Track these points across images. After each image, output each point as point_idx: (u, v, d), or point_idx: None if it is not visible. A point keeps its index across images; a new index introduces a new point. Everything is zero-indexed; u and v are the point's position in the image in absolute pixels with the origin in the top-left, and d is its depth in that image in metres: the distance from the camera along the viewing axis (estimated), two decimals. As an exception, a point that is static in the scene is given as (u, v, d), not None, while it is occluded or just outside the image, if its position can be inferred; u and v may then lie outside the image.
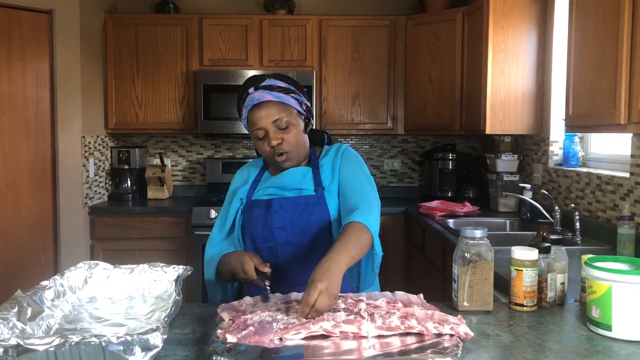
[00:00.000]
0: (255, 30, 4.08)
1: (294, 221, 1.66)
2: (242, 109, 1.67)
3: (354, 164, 1.74)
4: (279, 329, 1.25)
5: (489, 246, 1.51)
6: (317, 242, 1.66)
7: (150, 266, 1.63)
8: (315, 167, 1.73)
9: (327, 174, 1.71)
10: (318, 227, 1.66)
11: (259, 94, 1.62)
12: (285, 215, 1.67)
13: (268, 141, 1.64)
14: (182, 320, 1.46)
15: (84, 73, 3.76)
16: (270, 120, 1.62)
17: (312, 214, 1.66)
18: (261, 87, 1.63)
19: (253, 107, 1.63)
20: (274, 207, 1.68)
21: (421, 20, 4.04)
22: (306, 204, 1.67)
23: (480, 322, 1.42)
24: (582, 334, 1.37)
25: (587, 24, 2.18)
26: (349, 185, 1.68)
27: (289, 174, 1.71)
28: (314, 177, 1.70)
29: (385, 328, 1.26)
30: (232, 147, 4.52)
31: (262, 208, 1.70)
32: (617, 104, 1.92)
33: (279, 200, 1.69)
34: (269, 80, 1.65)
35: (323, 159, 1.75)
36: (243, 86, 1.67)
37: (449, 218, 3.35)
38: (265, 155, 1.69)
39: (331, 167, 1.72)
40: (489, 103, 3.34)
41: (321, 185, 1.69)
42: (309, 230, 1.66)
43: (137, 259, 3.76)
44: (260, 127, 1.63)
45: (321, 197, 1.68)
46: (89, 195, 3.89)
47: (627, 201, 2.47)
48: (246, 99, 1.65)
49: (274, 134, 1.63)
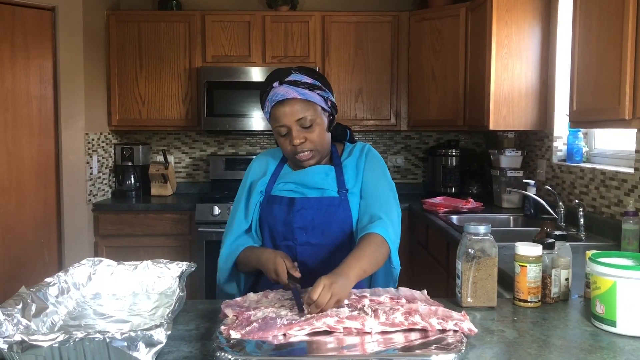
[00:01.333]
0: (258, 27, 4.07)
1: (315, 222, 1.64)
2: (265, 102, 1.64)
3: (378, 168, 1.71)
4: (283, 324, 1.24)
5: (492, 242, 1.51)
6: (338, 244, 1.65)
7: (154, 262, 1.63)
8: (338, 166, 1.70)
9: (350, 175, 1.69)
10: (339, 230, 1.64)
11: (284, 90, 1.58)
12: (307, 215, 1.64)
13: (290, 139, 1.61)
14: (186, 316, 1.46)
15: (87, 70, 3.76)
16: (294, 119, 1.59)
17: (334, 216, 1.64)
18: (286, 82, 1.59)
19: (277, 103, 1.60)
20: (296, 207, 1.65)
21: (424, 16, 4.03)
22: (329, 205, 1.64)
23: (484, 318, 1.42)
24: (587, 329, 1.36)
25: (591, 18, 2.17)
26: (372, 191, 1.66)
27: (311, 172, 1.68)
28: (337, 178, 1.67)
29: (388, 324, 1.26)
30: (236, 144, 4.52)
31: (283, 205, 1.67)
32: (621, 99, 1.90)
33: (301, 200, 1.66)
34: (295, 75, 1.61)
35: (347, 159, 1.72)
36: (268, 79, 1.63)
37: (453, 214, 3.34)
38: (286, 152, 1.67)
39: (355, 168, 1.70)
40: (493, 99, 3.32)
41: (344, 187, 1.66)
42: (329, 232, 1.64)
43: (140, 255, 3.70)
44: (284, 125, 1.60)
45: (344, 199, 1.65)
46: (93, 192, 3.90)
47: (632, 197, 2.46)
48: (270, 92, 1.61)
49: (297, 132, 1.60)
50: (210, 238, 3.70)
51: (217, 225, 3.65)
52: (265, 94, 1.63)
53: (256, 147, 4.52)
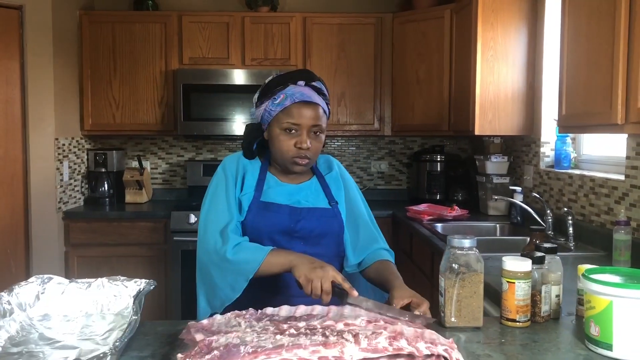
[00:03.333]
0: (237, 28, 3.95)
1: (314, 233, 1.65)
2: (279, 93, 1.61)
3: (354, 184, 1.82)
4: (247, 353, 1.11)
5: (478, 256, 1.40)
6: (330, 254, 1.67)
7: (109, 280, 1.49)
8: (321, 178, 1.74)
9: (333, 188, 1.74)
10: (333, 240, 1.68)
11: (309, 92, 1.61)
12: (309, 225, 1.65)
13: (299, 140, 1.60)
14: (142, 340, 1.32)
15: (57, 72, 3.61)
16: (311, 123, 1.60)
17: (330, 227, 1.68)
18: (311, 86, 1.63)
19: (302, 102, 1.58)
20: (299, 216, 1.64)
21: (408, 18, 3.93)
22: (326, 217, 1.68)
23: (469, 341, 1.30)
24: (581, 353, 1.25)
25: (580, 18, 2.07)
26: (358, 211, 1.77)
27: (303, 190, 1.70)
28: (324, 191, 1.72)
29: (371, 350, 1.14)
30: (214, 149, 4.39)
31: (283, 214, 1.64)
32: (613, 103, 1.81)
33: (303, 210, 1.65)
34: (319, 83, 1.66)
35: (328, 174, 1.76)
36: (292, 74, 1.64)
37: (437, 222, 3.24)
38: (284, 151, 1.61)
39: (335, 183, 1.75)
40: (478, 103, 3.23)
41: (334, 199, 1.71)
42: (325, 243, 1.67)
43: (113, 265, 3.62)
44: (299, 124, 1.59)
45: (337, 211, 1.70)
46: (63, 200, 3.74)
47: (623, 205, 2.37)
48: (292, 88, 1.60)
49: (308, 137, 1.60)
50: (186, 247, 3.56)
51: (193, 234, 3.49)
52: (283, 87, 1.61)
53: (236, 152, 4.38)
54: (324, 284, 1.39)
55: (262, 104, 1.64)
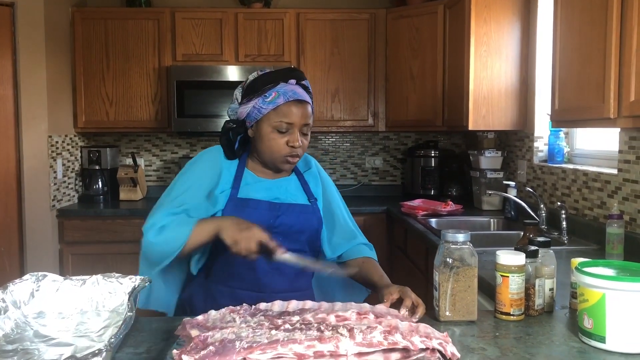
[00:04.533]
0: (231, 24, 3.93)
1: (294, 228, 1.64)
2: (270, 91, 1.58)
3: (331, 182, 1.83)
4: (242, 348, 1.11)
5: (472, 251, 1.40)
6: (307, 250, 1.67)
7: (104, 277, 1.49)
8: (299, 175, 1.74)
9: (312, 185, 1.74)
10: (311, 236, 1.68)
11: (300, 91, 1.61)
12: (289, 221, 1.64)
13: (290, 139, 1.59)
14: (138, 337, 1.32)
15: (50, 69, 3.59)
16: (302, 122, 1.60)
17: (309, 223, 1.67)
18: (302, 85, 1.63)
19: (293, 100, 1.58)
20: (278, 212, 1.63)
21: (402, 14, 3.93)
22: (305, 212, 1.67)
23: (463, 334, 1.31)
24: (574, 346, 1.26)
25: (573, 12, 2.08)
26: (335, 206, 1.78)
27: (282, 185, 1.69)
28: (303, 187, 1.72)
29: (366, 344, 1.14)
30: (208, 146, 4.33)
31: (262, 210, 1.62)
32: (606, 97, 1.82)
33: (282, 205, 1.65)
34: (307, 82, 1.66)
35: (307, 171, 1.77)
36: (283, 72, 1.62)
37: (432, 217, 3.24)
38: (274, 150, 1.61)
39: (313, 180, 1.76)
40: (472, 98, 3.24)
41: (313, 196, 1.72)
42: (303, 239, 1.66)
43: (108, 263, 3.61)
44: (292, 123, 1.58)
45: (316, 207, 1.70)
46: (57, 198, 3.72)
47: (615, 199, 2.38)
48: (284, 87, 1.59)
49: (299, 135, 1.60)
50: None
51: (188, 230, 3.50)
52: (273, 84, 1.59)
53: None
54: (250, 243, 1.44)
55: (250, 101, 1.60)
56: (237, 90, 1.68)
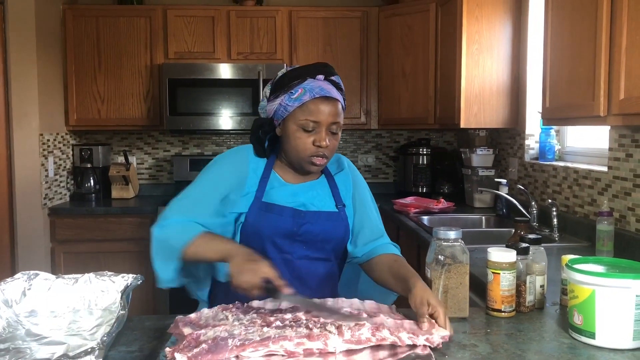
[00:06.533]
0: (223, 22, 3.92)
1: (319, 237, 1.57)
2: (296, 87, 1.51)
3: (365, 184, 1.72)
4: (235, 346, 1.12)
5: (463, 248, 1.41)
6: (332, 258, 1.62)
7: (96, 275, 1.49)
8: (329, 177, 1.65)
9: (342, 189, 1.65)
10: (337, 244, 1.61)
11: (329, 87, 1.51)
12: (314, 230, 1.56)
13: (317, 138, 1.50)
14: (130, 335, 1.32)
15: (40, 67, 3.57)
16: (331, 120, 1.50)
17: (335, 231, 1.60)
18: (330, 80, 1.54)
19: (320, 97, 1.49)
20: (303, 220, 1.56)
21: (394, 12, 3.93)
22: (332, 220, 1.59)
23: (455, 331, 1.31)
24: (564, 342, 1.27)
25: (564, 11, 2.09)
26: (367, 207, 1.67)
27: (309, 191, 1.60)
28: (332, 192, 1.63)
29: (354, 341, 1.15)
30: (201, 144, 4.37)
31: (286, 217, 1.55)
32: (596, 95, 1.83)
33: (308, 213, 1.57)
34: (337, 77, 1.56)
35: (338, 173, 1.67)
36: (310, 68, 1.55)
37: (424, 215, 3.25)
38: (300, 150, 1.52)
39: (344, 183, 1.66)
40: (464, 96, 3.25)
41: (342, 201, 1.63)
42: (328, 247, 1.60)
43: (100, 261, 3.60)
44: (319, 121, 1.49)
45: (343, 214, 1.62)
46: (49, 196, 3.71)
47: (605, 196, 2.40)
48: (310, 82, 1.51)
49: (327, 134, 1.51)
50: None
51: (181, 228, 3.49)
52: (300, 80, 1.51)
53: (223, 146, 4.37)
54: (254, 277, 1.33)
55: (277, 97, 1.54)
56: (266, 87, 1.62)
